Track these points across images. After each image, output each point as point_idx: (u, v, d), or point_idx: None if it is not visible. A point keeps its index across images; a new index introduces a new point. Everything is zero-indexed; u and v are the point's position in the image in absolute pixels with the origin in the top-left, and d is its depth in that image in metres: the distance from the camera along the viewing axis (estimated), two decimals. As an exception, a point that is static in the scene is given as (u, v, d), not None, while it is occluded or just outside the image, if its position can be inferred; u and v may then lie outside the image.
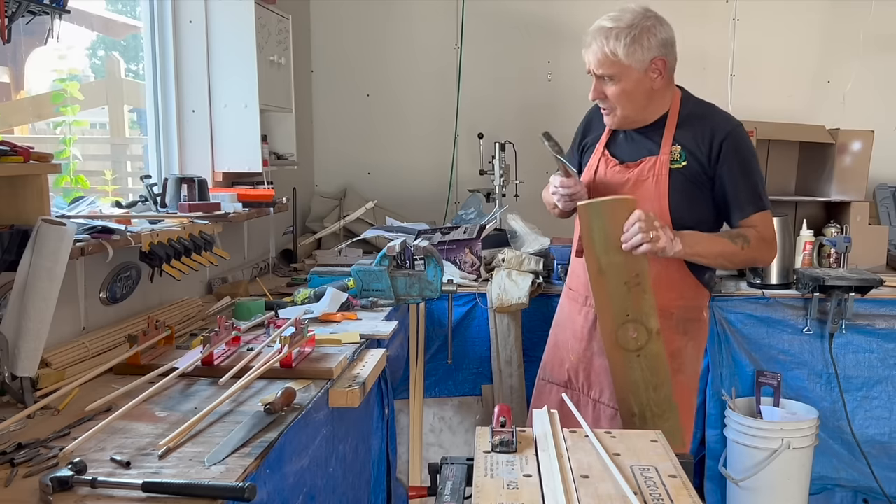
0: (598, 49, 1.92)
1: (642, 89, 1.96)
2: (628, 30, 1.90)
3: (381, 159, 3.94)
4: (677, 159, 1.98)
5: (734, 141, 1.96)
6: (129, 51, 2.85)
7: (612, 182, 2.04)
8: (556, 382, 2.22)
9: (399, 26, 3.85)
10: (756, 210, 1.98)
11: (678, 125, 2.00)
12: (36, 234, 1.55)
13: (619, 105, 1.98)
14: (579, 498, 1.22)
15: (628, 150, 2.06)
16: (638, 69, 1.93)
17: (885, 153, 3.47)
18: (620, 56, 1.91)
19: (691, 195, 1.97)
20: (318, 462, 1.71)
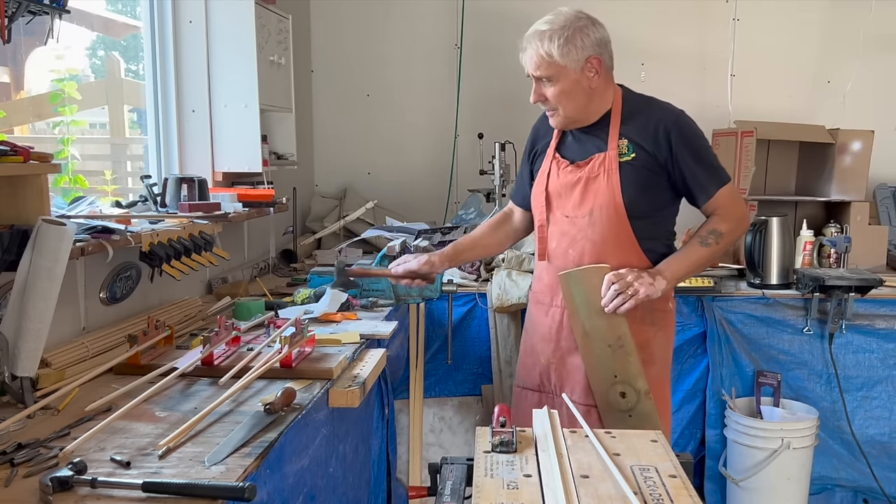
0: (534, 52, 1.97)
1: (581, 88, 2.01)
2: (562, 31, 1.96)
3: (381, 159, 3.94)
4: (625, 152, 2.02)
5: (680, 128, 2.02)
6: (129, 51, 2.85)
7: (565, 182, 2.08)
8: (529, 388, 2.23)
9: (399, 26, 3.85)
10: (718, 187, 2.03)
11: (622, 120, 2.05)
12: (36, 234, 1.55)
13: (560, 105, 2.02)
14: (579, 498, 1.22)
15: (577, 150, 2.10)
16: (574, 69, 1.98)
17: (885, 153, 3.47)
18: (556, 57, 1.96)
19: (644, 185, 2.01)
20: (318, 462, 1.71)
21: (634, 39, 3.76)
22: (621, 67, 3.71)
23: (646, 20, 3.75)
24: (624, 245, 2.03)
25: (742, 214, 2.08)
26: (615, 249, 2.03)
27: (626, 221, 2.01)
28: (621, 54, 3.71)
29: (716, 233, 2.02)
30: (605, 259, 2.03)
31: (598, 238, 2.03)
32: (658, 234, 2.08)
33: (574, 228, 2.06)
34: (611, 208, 2.00)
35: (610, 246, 2.03)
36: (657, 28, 3.75)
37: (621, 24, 3.74)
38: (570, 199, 2.07)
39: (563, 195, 2.08)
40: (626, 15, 3.74)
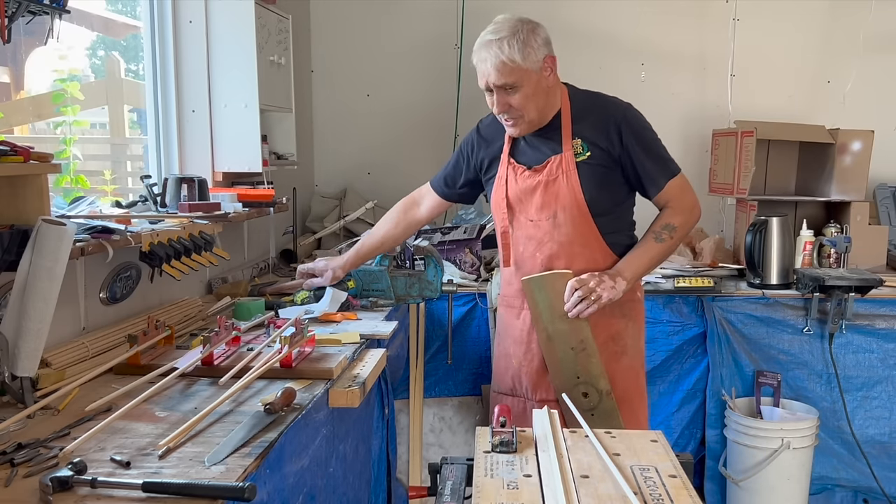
0: (495, 59, 1.96)
1: (541, 89, 2.02)
2: (516, 35, 1.96)
3: (381, 159, 3.94)
4: (581, 152, 2.04)
5: (629, 122, 2.04)
6: (129, 51, 2.85)
7: (525, 188, 2.09)
8: (503, 392, 2.25)
9: (399, 26, 3.85)
10: (668, 178, 2.06)
11: (573, 120, 2.06)
12: (36, 234, 1.55)
13: (525, 111, 2.02)
14: (579, 498, 1.22)
15: (532, 155, 2.11)
16: (535, 70, 1.99)
17: (885, 153, 3.47)
18: (518, 61, 1.95)
19: (602, 182, 2.04)
20: (318, 462, 1.71)
21: (634, 39, 3.76)
22: (621, 67, 3.76)
23: (646, 20, 3.75)
24: (590, 243, 2.06)
25: (692, 204, 2.12)
26: (582, 248, 2.06)
27: (589, 219, 2.04)
28: (621, 54, 3.78)
29: (669, 227, 2.06)
30: (573, 258, 2.06)
31: (565, 239, 2.06)
32: (620, 227, 2.12)
33: (539, 231, 2.09)
34: (574, 209, 2.03)
35: (577, 245, 2.06)
36: (657, 28, 3.75)
37: (621, 24, 3.77)
38: (532, 204, 2.09)
39: (523, 200, 2.10)
40: (626, 15, 3.74)
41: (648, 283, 2.85)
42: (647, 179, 2.06)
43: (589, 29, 3.77)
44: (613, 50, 3.75)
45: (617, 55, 3.75)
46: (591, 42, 3.76)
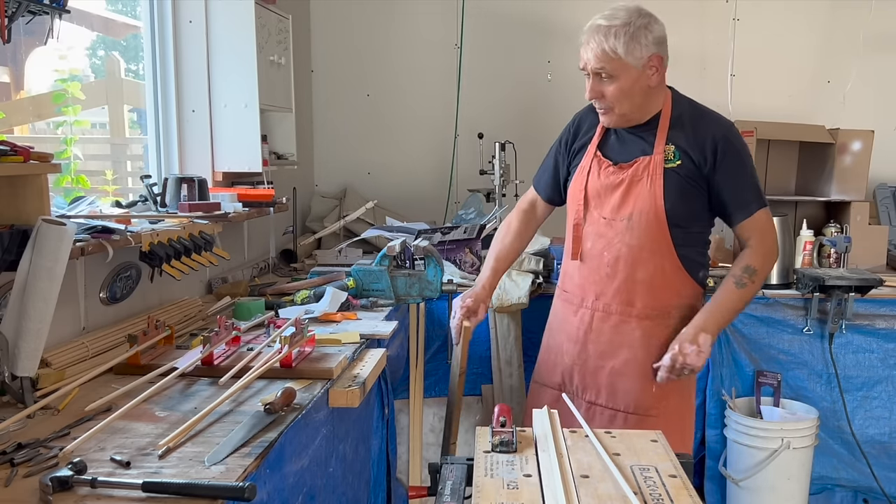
0: (597, 46, 1.91)
1: (640, 87, 1.96)
2: (626, 27, 1.91)
3: (381, 159, 3.94)
4: (671, 158, 1.99)
5: (730, 142, 1.98)
6: (129, 51, 2.85)
7: (607, 184, 2.04)
8: (549, 385, 2.22)
9: (399, 26, 3.85)
10: (759, 207, 2.00)
11: (671, 125, 2.01)
12: (36, 234, 1.55)
13: (618, 104, 1.97)
14: (579, 498, 1.22)
15: (621, 151, 2.06)
16: (636, 66, 1.93)
17: (885, 153, 3.47)
18: (620, 53, 1.91)
19: (685, 193, 1.98)
20: (318, 462, 1.71)
21: (634, 39, 3.75)
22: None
23: (646, 20, 3.74)
24: (660, 250, 2.00)
25: (773, 244, 2.05)
26: (651, 255, 2.00)
27: (665, 228, 1.98)
28: (621, 54, 3.75)
29: (750, 270, 1.99)
30: (640, 263, 2.00)
31: (636, 243, 2.00)
32: (694, 242, 2.06)
33: (611, 231, 2.03)
34: (651, 214, 1.97)
35: (646, 251, 2.00)
36: (657, 28, 3.75)
37: (621, 24, 3.76)
38: (610, 201, 2.03)
39: (602, 196, 2.05)
40: (626, 15, 3.74)
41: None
42: (736, 202, 1.99)
43: (589, 29, 3.76)
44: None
45: (617, 55, 3.75)
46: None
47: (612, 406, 2.07)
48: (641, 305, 2.03)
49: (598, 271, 2.06)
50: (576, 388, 2.15)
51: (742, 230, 2.02)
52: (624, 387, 2.06)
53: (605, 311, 2.07)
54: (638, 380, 2.05)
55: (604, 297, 2.07)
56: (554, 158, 2.24)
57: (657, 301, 2.03)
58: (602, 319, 2.08)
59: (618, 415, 2.07)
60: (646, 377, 2.04)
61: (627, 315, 2.06)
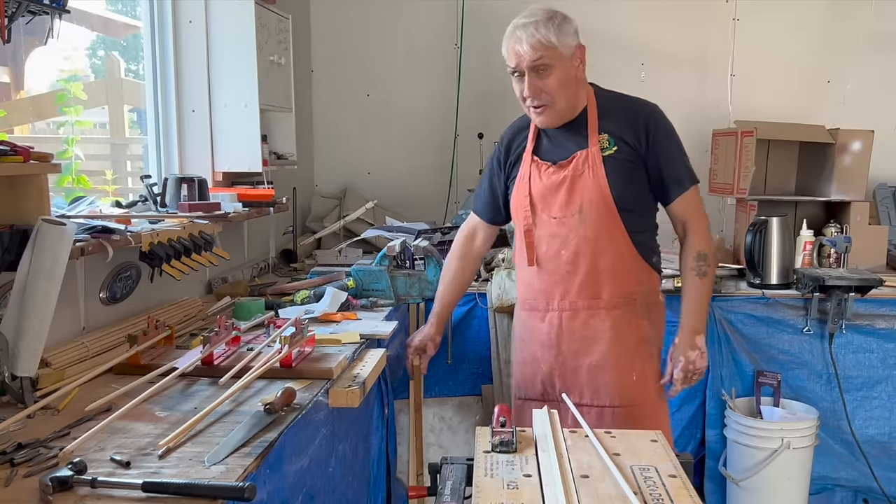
0: (530, 37, 1.93)
1: (572, 78, 1.99)
2: (551, 20, 1.95)
3: (381, 159, 3.94)
4: (607, 146, 2.02)
5: (657, 120, 2.04)
6: (129, 51, 2.85)
7: (550, 184, 2.07)
8: (532, 398, 2.19)
9: (399, 26, 3.85)
10: (692, 183, 2.06)
11: (599, 116, 2.04)
12: (36, 234, 1.55)
13: (557, 97, 1.98)
14: (579, 498, 1.22)
15: (557, 152, 2.08)
16: (567, 56, 1.97)
17: (885, 153, 3.46)
18: (554, 41, 1.93)
19: (628, 178, 2.02)
20: (317, 462, 1.71)
21: (634, 39, 3.76)
22: (621, 67, 3.76)
23: (646, 20, 3.75)
24: (616, 238, 2.03)
25: (708, 221, 2.11)
26: (608, 244, 2.03)
27: (616, 215, 2.01)
28: (621, 54, 3.78)
29: (702, 256, 2.05)
30: (599, 254, 2.03)
31: (591, 234, 2.03)
32: (646, 226, 2.10)
33: (565, 228, 2.05)
34: (600, 203, 2.00)
35: (603, 241, 2.03)
36: (657, 28, 3.75)
37: (621, 24, 3.77)
38: (557, 200, 2.06)
39: (547, 197, 2.07)
40: (626, 15, 3.74)
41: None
42: (672, 180, 2.04)
43: (589, 29, 3.71)
44: (613, 50, 3.75)
45: (617, 55, 3.75)
46: (590, 42, 3.69)
47: (598, 403, 2.07)
48: (608, 295, 2.05)
49: (559, 271, 2.08)
50: (558, 392, 2.13)
51: (677, 208, 2.06)
52: (605, 381, 2.08)
53: (572, 308, 2.09)
54: (617, 371, 2.07)
55: (569, 296, 2.08)
56: (489, 179, 2.26)
57: (622, 288, 2.06)
58: (571, 318, 2.09)
59: (605, 411, 2.07)
60: (624, 367, 2.07)
61: (595, 308, 2.07)
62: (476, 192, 2.33)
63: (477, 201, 2.32)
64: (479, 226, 2.32)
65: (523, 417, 2.17)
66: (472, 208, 2.34)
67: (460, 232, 2.37)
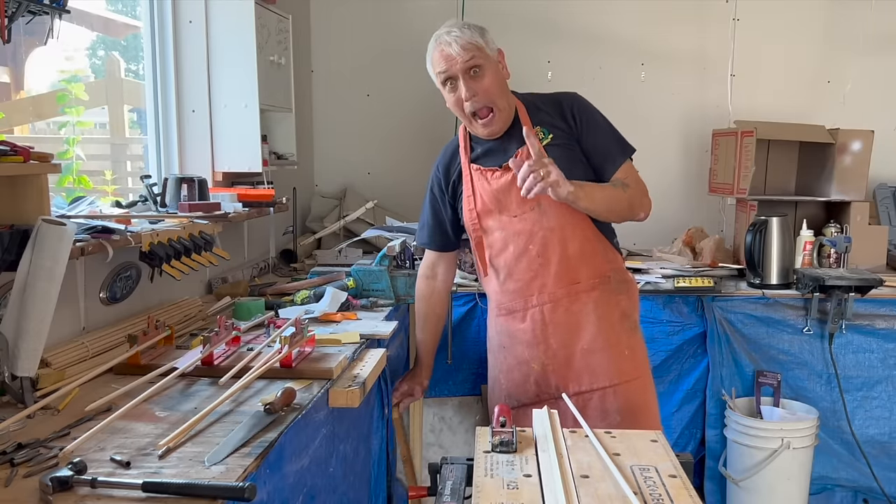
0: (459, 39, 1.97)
1: (502, 79, 2.04)
2: (469, 27, 2.03)
3: (381, 159, 3.94)
4: (543, 136, 2.06)
5: (580, 104, 2.10)
6: (129, 51, 2.85)
7: (500, 186, 2.08)
8: (527, 403, 2.18)
9: (399, 26, 3.85)
10: (625, 157, 2.09)
11: (529, 114, 2.09)
12: (36, 234, 1.55)
13: (496, 98, 2.01)
14: (579, 498, 1.22)
15: (496, 157, 2.11)
16: (494, 58, 2.03)
17: (885, 153, 3.47)
18: (481, 42, 2.00)
19: (572, 161, 2.05)
20: (318, 462, 1.71)
21: (634, 39, 3.76)
22: (621, 67, 3.76)
23: (646, 20, 3.75)
24: (579, 223, 2.07)
25: (645, 189, 2.12)
26: (573, 229, 2.07)
27: None
28: (621, 54, 3.78)
29: (623, 184, 2.06)
30: (567, 241, 2.07)
31: (555, 224, 2.06)
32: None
33: (528, 223, 2.08)
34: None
35: (568, 228, 2.07)
36: (657, 28, 3.75)
37: (621, 24, 3.77)
38: (511, 199, 2.08)
39: (502, 199, 2.10)
40: (626, 15, 3.74)
41: (648, 283, 2.85)
42: (605, 156, 2.08)
43: (589, 29, 3.77)
44: (613, 50, 3.75)
45: (617, 55, 3.75)
46: (591, 42, 3.76)
47: (598, 385, 2.10)
48: (585, 277, 2.09)
49: (531, 266, 2.10)
50: (555, 387, 2.13)
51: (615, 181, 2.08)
52: (600, 361, 2.10)
53: (552, 300, 2.10)
54: (609, 350, 2.10)
55: (548, 287, 2.10)
56: (431, 207, 2.29)
57: (596, 269, 2.10)
58: (553, 310, 2.11)
59: (606, 392, 2.10)
60: (615, 344, 2.11)
61: (575, 293, 2.10)
62: (420, 227, 2.36)
63: (423, 235, 2.34)
64: (435, 258, 2.35)
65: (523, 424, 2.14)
66: (422, 243, 2.35)
67: (420, 272, 2.40)
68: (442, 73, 2.02)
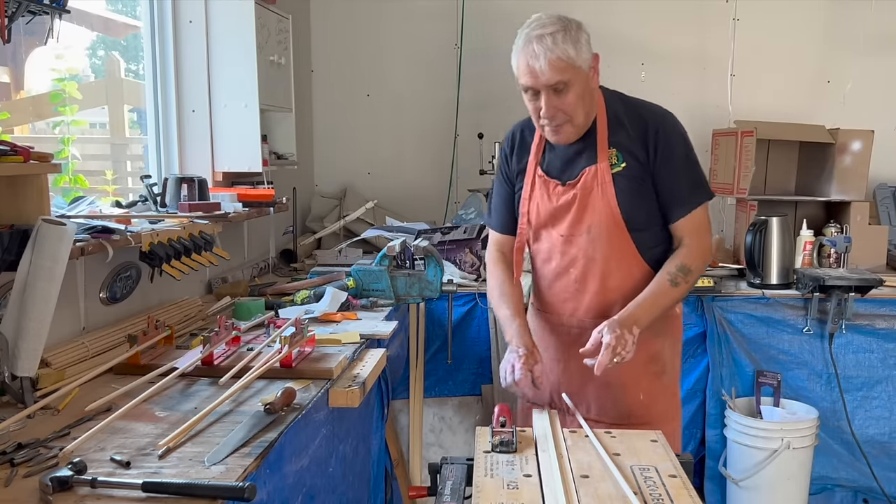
0: (549, 53, 1.77)
1: (589, 91, 1.86)
2: (566, 31, 1.80)
3: (381, 159, 3.94)
4: (616, 163, 1.90)
5: (667, 133, 1.89)
6: (129, 51, 2.85)
7: (560, 204, 1.95)
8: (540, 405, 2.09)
9: (399, 26, 3.85)
10: (699, 203, 1.91)
11: (609, 128, 1.91)
12: (36, 234, 1.55)
13: (575, 114, 1.84)
14: (579, 498, 1.22)
15: (564, 166, 1.95)
16: (585, 69, 1.83)
17: (885, 153, 3.46)
18: (573, 56, 1.79)
19: (638, 196, 1.90)
20: (317, 462, 1.71)
21: (634, 39, 3.76)
22: (621, 67, 3.75)
23: (646, 20, 3.75)
24: (627, 259, 1.92)
25: (709, 245, 1.98)
26: (618, 264, 1.92)
27: (626, 235, 1.90)
28: (621, 54, 3.78)
29: (684, 269, 1.88)
30: (609, 275, 1.92)
31: (599, 255, 1.92)
32: (658, 241, 1.96)
33: (573, 247, 1.95)
34: (610, 223, 1.89)
35: (613, 261, 1.92)
36: (657, 28, 3.75)
37: (621, 24, 3.77)
38: (566, 219, 1.95)
39: (557, 216, 1.96)
40: (626, 15, 3.74)
41: (648, 283, 2.85)
42: (675, 199, 1.89)
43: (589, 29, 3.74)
44: (613, 50, 3.74)
45: (617, 55, 3.74)
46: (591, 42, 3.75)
47: (605, 419, 1.98)
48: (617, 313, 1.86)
49: (568, 288, 1.99)
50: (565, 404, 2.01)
51: (677, 229, 1.92)
52: (612, 399, 1.99)
53: (580, 326, 1.98)
54: (625, 391, 1.98)
55: (577, 313, 1.99)
56: (503, 194, 2.11)
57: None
58: (580, 335, 1.94)
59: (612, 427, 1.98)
60: (632, 387, 1.97)
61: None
62: (490, 211, 2.16)
63: (494, 220, 2.14)
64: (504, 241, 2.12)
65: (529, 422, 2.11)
66: (494, 228, 2.15)
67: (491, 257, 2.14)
68: (523, 83, 1.84)
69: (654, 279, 1.91)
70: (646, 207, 1.91)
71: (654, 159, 1.88)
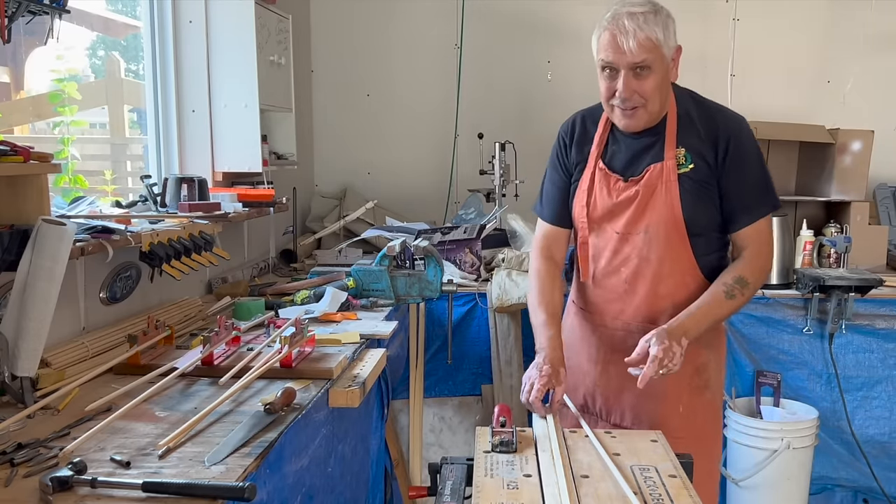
0: (639, 32, 1.69)
1: (667, 81, 1.78)
2: (658, 14, 1.73)
3: (381, 159, 3.94)
4: (683, 163, 1.82)
5: (738, 137, 1.82)
6: (129, 51, 2.85)
7: (620, 200, 1.86)
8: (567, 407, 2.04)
9: (399, 26, 3.85)
10: (765, 213, 1.84)
11: (679, 126, 1.84)
12: (36, 234, 1.55)
13: (651, 100, 1.76)
14: (579, 498, 1.22)
15: (628, 161, 1.87)
16: (668, 56, 1.76)
17: (885, 153, 3.47)
18: (661, 40, 1.71)
19: (702, 199, 1.82)
20: (317, 462, 1.71)
21: (634, 39, 3.75)
22: (621, 67, 3.74)
23: (646, 20, 3.74)
24: (681, 264, 1.84)
25: (770, 258, 1.89)
26: (672, 269, 1.84)
27: (685, 238, 1.82)
28: (621, 54, 3.75)
29: (742, 281, 1.79)
30: (661, 278, 1.84)
31: (654, 257, 1.83)
32: (715, 247, 1.89)
33: (628, 246, 1.86)
34: (669, 224, 1.81)
35: (667, 265, 1.83)
36: (657, 28, 3.75)
37: (621, 24, 3.76)
38: (624, 216, 1.86)
39: (615, 212, 1.87)
40: (626, 15, 3.74)
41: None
42: (740, 207, 1.81)
43: (589, 29, 3.75)
44: (613, 50, 3.75)
45: (617, 55, 3.75)
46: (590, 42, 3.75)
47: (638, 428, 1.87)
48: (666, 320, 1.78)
49: (616, 288, 1.90)
50: (599, 410, 1.98)
51: (739, 238, 1.85)
52: (648, 409, 1.90)
53: (625, 329, 1.90)
54: (664, 403, 1.88)
55: (623, 315, 1.90)
56: (558, 183, 2.01)
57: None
58: (623, 339, 1.89)
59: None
60: (672, 400, 1.88)
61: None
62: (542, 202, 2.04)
63: (546, 211, 2.03)
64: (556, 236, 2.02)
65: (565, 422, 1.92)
66: (543, 217, 2.04)
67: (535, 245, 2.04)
68: (603, 59, 1.76)
69: (708, 289, 1.82)
70: (708, 212, 1.84)
71: (724, 163, 1.80)
